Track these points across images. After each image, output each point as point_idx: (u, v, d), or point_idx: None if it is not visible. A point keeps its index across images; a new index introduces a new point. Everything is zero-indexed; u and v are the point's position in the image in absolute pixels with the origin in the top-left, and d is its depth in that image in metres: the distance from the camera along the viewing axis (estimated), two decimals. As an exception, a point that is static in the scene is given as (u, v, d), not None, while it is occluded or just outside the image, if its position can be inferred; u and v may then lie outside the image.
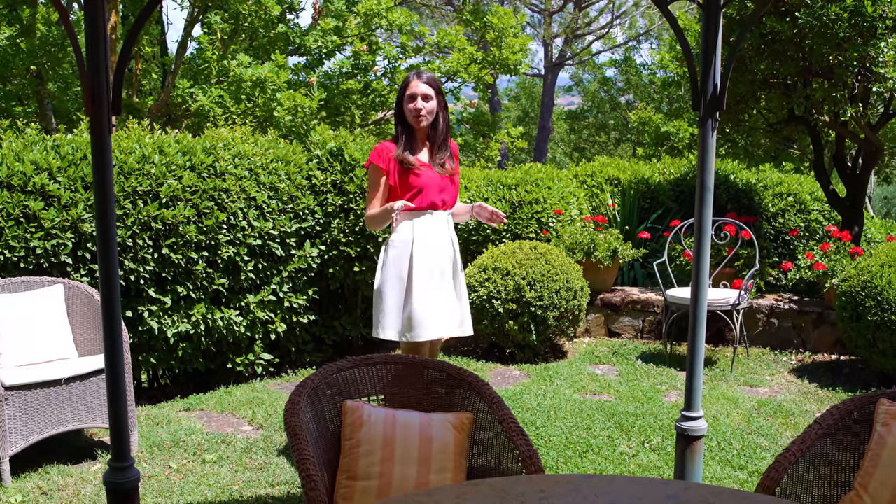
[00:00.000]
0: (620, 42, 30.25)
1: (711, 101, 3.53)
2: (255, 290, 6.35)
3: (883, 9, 6.45)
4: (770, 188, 9.38)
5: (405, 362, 3.28)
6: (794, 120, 8.31)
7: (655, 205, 9.39)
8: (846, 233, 7.65)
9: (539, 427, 5.38)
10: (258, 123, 10.82)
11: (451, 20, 24.51)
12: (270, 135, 7.15)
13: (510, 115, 36.56)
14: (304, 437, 2.78)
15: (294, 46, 12.65)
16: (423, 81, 4.44)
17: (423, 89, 4.42)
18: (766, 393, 6.29)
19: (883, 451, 2.85)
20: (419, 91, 4.42)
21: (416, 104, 4.42)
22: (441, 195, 4.50)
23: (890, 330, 6.10)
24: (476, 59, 13.82)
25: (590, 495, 2.39)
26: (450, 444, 3.01)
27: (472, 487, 2.41)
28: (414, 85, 4.44)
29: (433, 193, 4.47)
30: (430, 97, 4.44)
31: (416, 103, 4.42)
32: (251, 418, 5.59)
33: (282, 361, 6.74)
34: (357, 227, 6.58)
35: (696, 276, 3.65)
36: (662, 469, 4.75)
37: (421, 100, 4.42)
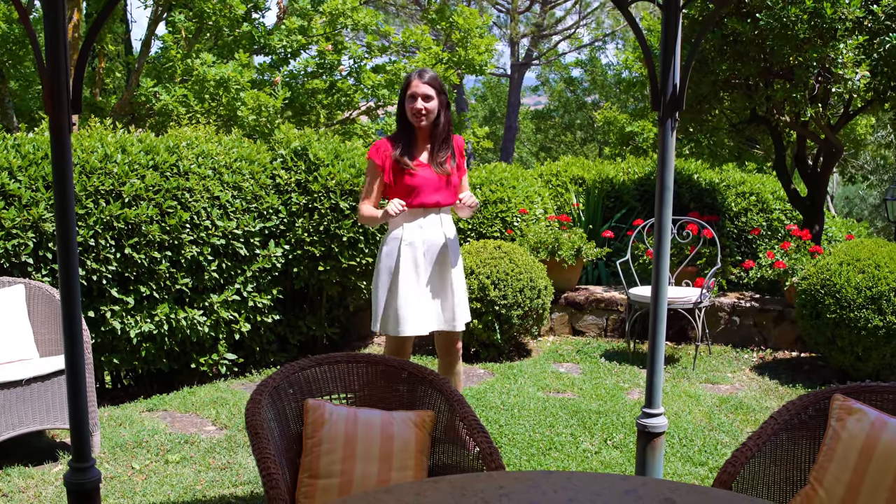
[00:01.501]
0: (586, 42, 30.39)
1: (671, 101, 3.57)
2: (218, 290, 6.33)
3: (842, 11, 6.55)
4: (733, 188, 9.49)
5: (367, 361, 3.30)
6: (755, 120, 8.41)
7: (619, 204, 9.46)
8: (806, 232, 7.76)
9: (503, 425, 5.41)
10: (222, 123, 10.78)
11: (418, 20, 24.51)
12: (234, 134, 7.13)
13: (477, 114, 36.61)
14: (265, 437, 2.79)
15: (259, 45, 12.60)
16: (424, 81, 4.43)
17: (423, 89, 4.41)
18: (728, 390, 6.36)
19: (837, 446, 2.90)
20: (420, 91, 4.41)
21: (417, 104, 4.42)
22: (435, 195, 4.50)
23: (848, 327, 6.19)
24: (442, 60, 13.84)
25: (549, 491, 2.41)
26: (411, 441, 3.02)
27: (432, 484, 2.43)
28: (415, 84, 4.43)
29: (427, 193, 4.47)
30: (431, 97, 4.43)
31: (417, 103, 4.42)
32: (215, 418, 5.57)
33: (246, 361, 6.73)
34: (321, 227, 6.57)
35: (657, 274, 3.69)
36: (624, 466, 4.79)
37: (421, 100, 4.42)
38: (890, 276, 6.16)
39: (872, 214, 20.65)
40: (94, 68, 13.51)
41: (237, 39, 12.24)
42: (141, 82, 11.56)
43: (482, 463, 2.92)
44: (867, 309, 6.13)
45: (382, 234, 4.64)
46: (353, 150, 7.03)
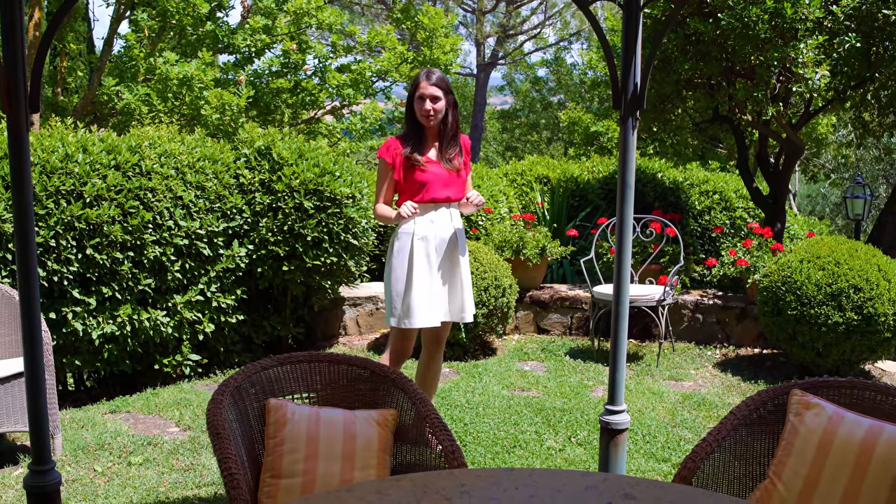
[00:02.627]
0: (552, 42, 30.50)
1: (632, 100, 3.59)
2: (182, 291, 6.28)
3: (802, 11, 6.62)
4: (696, 186, 9.56)
5: (329, 360, 3.29)
6: (718, 119, 8.49)
7: (584, 203, 9.51)
8: (768, 229, 7.84)
9: (467, 423, 5.42)
10: (185, 122, 10.70)
11: (383, 19, 24.48)
12: (197, 133, 7.08)
13: (443, 114, 36.48)
14: (226, 437, 2.78)
15: (223, 45, 12.53)
16: (431, 83, 4.53)
17: (431, 91, 4.52)
18: (691, 387, 6.41)
19: (795, 440, 2.94)
20: (428, 93, 4.52)
21: (425, 106, 4.52)
22: (445, 190, 4.59)
23: (809, 324, 6.26)
24: (407, 59, 13.83)
25: (510, 488, 2.42)
26: (374, 440, 3.03)
27: (393, 482, 2.43)
28: (424, 86, 4.53)
29: (436, 189, 4.57)
30: (439, 98, 4.53)
31: (425, 105, 4.52)
32: (178, 419, 5.54)
33: (210, 362, 6.69)
34: (285, 227, 6.55)
35: (619, 272, 3.72)
36: (588, 463, 4.82)
37: (429, 101, 4.52)
38: (849, 273, 6.24)
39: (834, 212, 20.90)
40: (56, 67, 13.36)
41: (201, 38, 12.16)
42: (103, 81, 11.45)
43: (445, 461, 2.93)
44: (827, 305, 6.21)
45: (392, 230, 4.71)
46: (317, 150, 7.00)
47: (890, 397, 2.99)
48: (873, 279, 6.21)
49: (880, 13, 6.72)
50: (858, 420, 2.86)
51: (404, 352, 4.68)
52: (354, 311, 7.76)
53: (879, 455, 2.74)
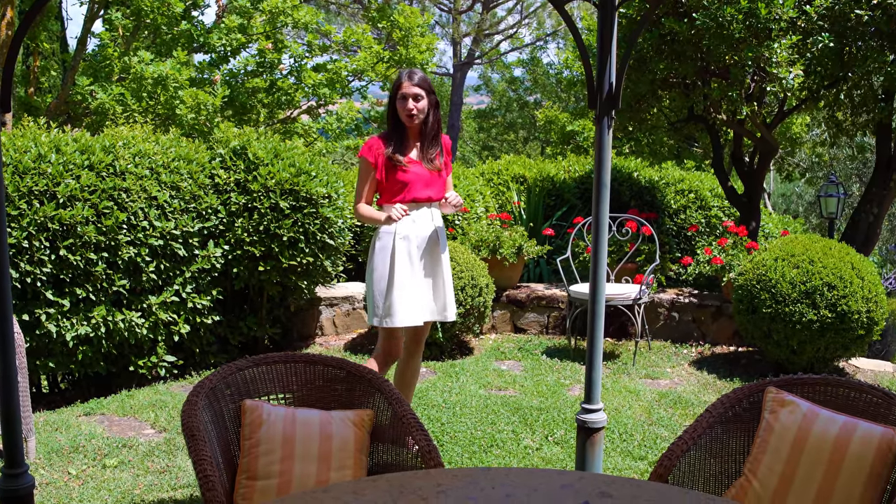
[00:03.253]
0: (528, 42, 30.55)
1: (607, 100, 3.60)
2: (157, 291, 6.25)
3: (776, 11, 6.66)
4: (672, 185, 9.60)
5: (305, 360, 3.28)
6: (693, 119, 8.53)
7: (560, 202, 9.53)
8: (743, 228, 7.88)
9: (444, 423, 5.42)
10: (160, 121, 10.64)
11: (359, 19, 24.43)
12: (172, 133, 7.04)
13: (420, 113, 36.48)
14: (201, 438, 2.76)
15: (198, 44, 12.46)
16: (414, 83, 4.52)
17: (414, 90, 4.51)
18: (667, 385, 6.44)
19: (770, 438, 2.95)
20: (410, 92, 4.51)
21: (408, 105, 4.51)
22: (426, 190, 4.60)
23: (783, 321, 6.30)
24: (383, 58, 13.81)
25: (486, 487, 2.42)
26: (350, 441, 3.02)
27: (370, 483, 2.43)
28: (406, 86, 4.52)
29: (418, 188, 4.57)
30: (422, 97, 4.53)
31: (408, 104, 4.51)
32: (154, 421, 5.50)
33: (186, 363, 6.65)
34: (261, 227, 6.52)
35: (594, 271, 3.73)
36: (565, 461, 4.83)
37: (412, 101, 4.51)
38: (823, 271, 6.28)
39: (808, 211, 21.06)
40: (29, 67, 13.25)
41: (176, 38, 12.09)
42: (77, 81, 11.36)
43: (421, 461, 2.93)
44: (801, 303, 6.25)
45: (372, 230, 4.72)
46: (293, 150, 6.98)
47: (863, 394, 3.02)
48: (847, 277, 6.26)
49: (853, 13, 6.78)
50: (833, 417, 2.88)
51: (393, 352, 4.70)
52: (331, 311, 7.74)
53: (853, 452, 2.76)
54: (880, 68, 7.03)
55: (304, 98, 13.26)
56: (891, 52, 7.00)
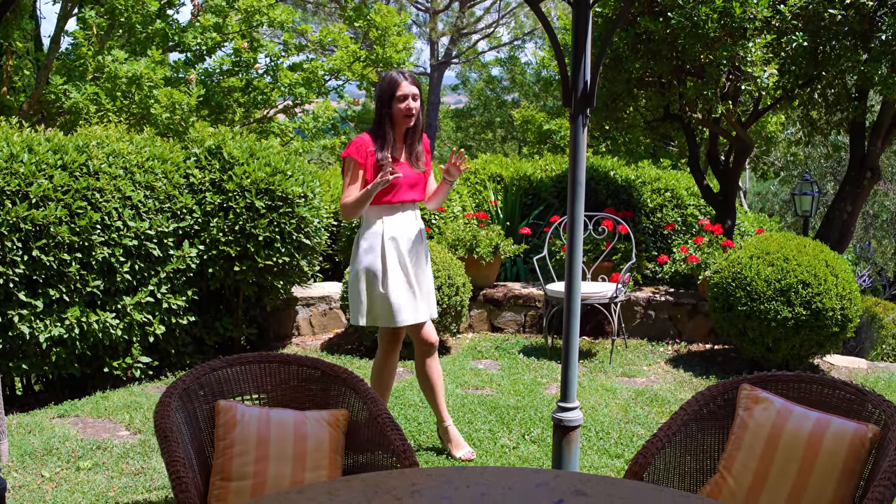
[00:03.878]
0: (506, 41, 30.57)
1: (582, 98, 3.61)
2: (131, 292, 6.20)
3: (751, 10, 6.70)
4: (648, 184, 9.63)
5: (280, 360, 3.27)
6: (669, 117, 8.56)
7: (537, 201, 9.53)
8: (718, 226, 7.92)
9: (421, 423, 5.41)
10: (135, 121, 10.57)
11: (336, 18, 24.38)
12: (147, 133, 7.00)
13: (398, 112, 36.44)
14: (174, 439, 2.74)
15: (173, 43, 12.39)
16: (411, 83, 4.50)
17: (412, 90, 4.49)
18: (644, 383, 6.46)
19: (745, 434, 2.97)
20: (409, 91, 4.48)
21: (409, 104, 4.48)
22: (412, 192, 4.60)
23: (759, 319, 6.34)
24: (359, 58, 13.78)
25: (461, 486, 2.42)
26: (325, 441, 3.00)
27: (344, 483, 2.42)
28: (405, 86, 4.48)
29: (405, 190, 4.57)
30: (418, 96, 4.52)
31: (409, 103, 4.48)
32: (128, 423, 5.46)
33: (161, 364, 6.60)
34: (237, 227, 6.48)
35: (570, 269, 3.73)
36: (542, 460, 4.83)
37: (412, 100, 4.49)
38: (798, 269, 6.32)
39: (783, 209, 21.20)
40: (2, 66, 13.12)
41: (150, 36, 12.01)
42: (51, 80, 11.26)
43: (397, 461, 2.92)
44: (776, 301, 6.28)
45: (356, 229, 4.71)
46: (268, 149, 6.95)
47: (837, 391, 3.04)
48: (821, 274, 6.30)
49: (826, 13, 6.82)
50: (806, 413, 2.90)
51: (395, 351, 4.74)
52: (307, 311, 7.72)
53: (827, 448, 2.77)
54: (854, 67, 7.08)
55: (281, 97, 13.21)
56: (864, 51, 7.05)
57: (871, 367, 7.07)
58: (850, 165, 8.54)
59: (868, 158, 8.25)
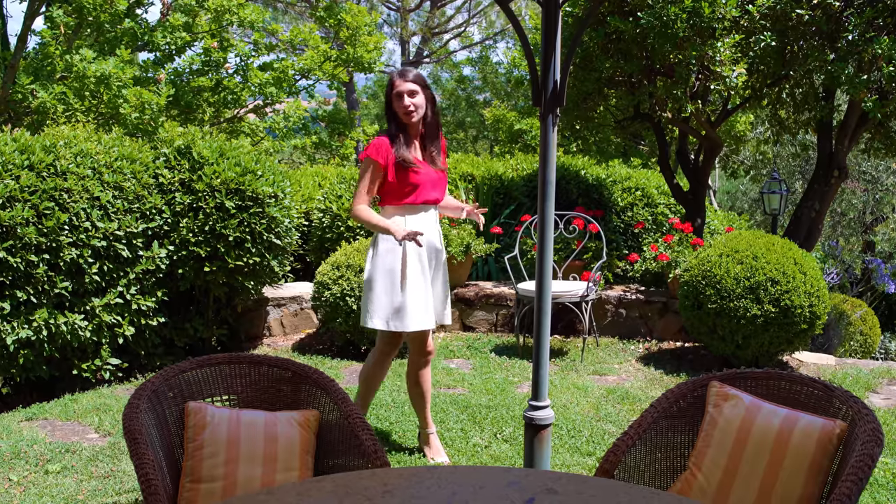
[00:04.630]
0: (477, 40, 30.60)
1: (552, 98, 3.61)
2: (100, 293, 6.15)
3: (719, 10, 6.74)
4: (619, 183, 9.67)
5: (250, 361, 3.25)
6: (639, 117, 8.60)
7: (509, 200, 9.55)
8: (688, 225, 7.97)
9: (393, 423, 5.40)
10: (103, 121, 10.47)
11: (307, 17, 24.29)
12: (115, 132, 6.94)
13: (370, 112, 36.51)
14: (143, 442, 2.72)
15: (142, 42, 12.28)
16: (407, 80, 4.45)
17: (408, 86, 4.43)
18: (615, 381, 6.49)
19: (714, 431, 2.98)
20: (405, 89, 4.43)
21: (405, 101, 4.43)
22: (434, 191, 4.55)
23: (728, 317, 6.38)
24: (330, 57, 13.74)
25: (433, 486, 2.41)
26: (295, 442, 2.99)
27: (314, 484, 2.41)
28: (399, 83, 4.44)
29: (427, 190, 4.51)
30: (417, 92, 4.45)
31: (404, 100, 4.43)
32: (98, 425, 5.42)
33: (131, 366, 6.56)
34: (207, 227, 6.45)
35: (540, 268, 3.73)
36: (514, 459, 4.84)
37: (408, 96, 4.43)
38: (767, 267, 6.37)
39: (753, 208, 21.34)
40: (-32, 66, 12.97)
41: (119, 36, 11.90)
42: (18, 79, 11.13)
43: (368, 461, 2.91)
44: (746, 298, 6.33)
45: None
46: (238, 149, 6.92)
47: (805, 387, 3.06)
48: (789, 272, 6.35)
49: (794, 13, 6.88)
50: (775, 410, 2.92)
51: (390, 355, 4.71)
52: (279, 311, 7.69)
53: (795, 443, 2.79)
54: (821, 67, 7.15)
55: (251, 97, 13.13)
56: (831, 51, 7.12)
57: (840, 363, 7.14)
58: (818, 164, 8.62)
59: (835, 157, 8.33)
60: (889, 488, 4.50)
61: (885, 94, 7.27)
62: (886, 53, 6.50)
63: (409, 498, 2.35)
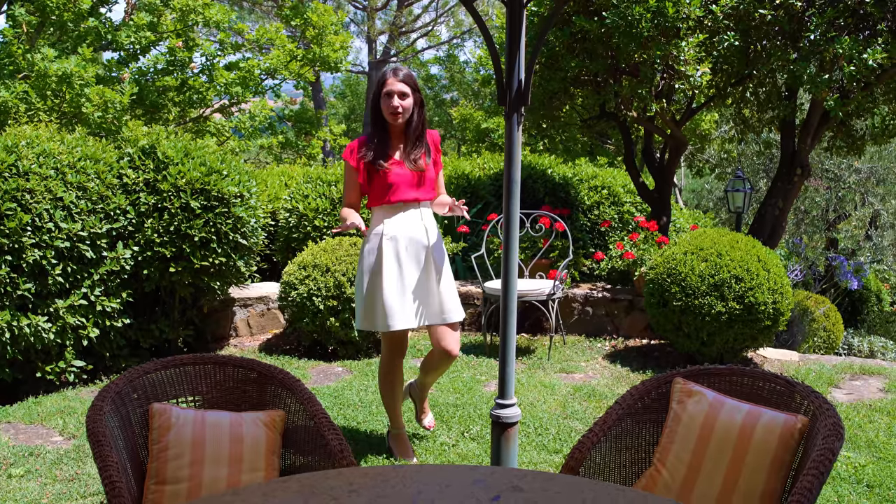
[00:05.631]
0: (445, 40, 30.63)
1: (517, 97, 3.62)
2: (64, 295, 6.09)
3: (684, 10, 6.79)
4: (585, 181, 9.72)
5: (215, 362, 3.23)
6: (605, 116, 8.65)
7: (476, 199, 9.56)
8: (654, 223, 8.03)
9: (360, 422, 5.40)
10: (66, 120, 10.37)
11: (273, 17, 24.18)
12: (78, 132, 6.87)
13: (337, 112, 36.45)
14: (107, 444, 2.70)
15: (106, 41, 12.18)
16: (399, 79, 4.39)
17: (399, 87, 4.37)
18: (581, 378, 6.52)
19: (678, 428, 3.01)
20: (396, 89, 4.37)
21: (393, 102, 4.38)
22: (412, 191, 4.49)
23: (693, 314, 6.43)
24: (296, 57, 13.70)
25: (398, 485, 2.41)
26: (261, 442, 2.98)
27: (280, 484, 2.40)
28: (391, 83, 4.39)
29: (403, 190, 4.47)
30: (407, 94, 4.40)
31: (393, 101, 4.38)
32: (62, 428, 5.36)
33: (96, 368, 6.50)
34: (172, 227, 6.40)
35: (506, 266, 3.75)
36: (482, 457, 4.85)
37: (398, 98, 4.38)
38: (731, 264, 6.43)
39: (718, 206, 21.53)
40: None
41: (82, 35, 11.80)
42: (-22, 79, 11.01)
43: (334, 461, 2.91)
44: (710, 296, 6.38)
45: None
46: (203, 149, 6.87)
47: (767, 383, 3.10)
48: (753, 269, 6.41)
49: (757, 13, 6.95)
50: (738, 405, 2.95)
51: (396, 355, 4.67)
52: (245, 311, 7.65)
53: (758, 438, 2.82)
54: (783, 66, 7.22)
55: (217, 97, 13.06)
56: (793, 50, 7.20)
57: (803, 359, 7.22)
58: (781, 162, 8.71)
59: (798, 155, 8.42)
60: (851, 482, 4.56)
61: (846, 93, 7.36)
62: (847, 53, 6.58)
63: (374, 497, 2.35)
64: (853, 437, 5.26)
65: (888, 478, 4.62)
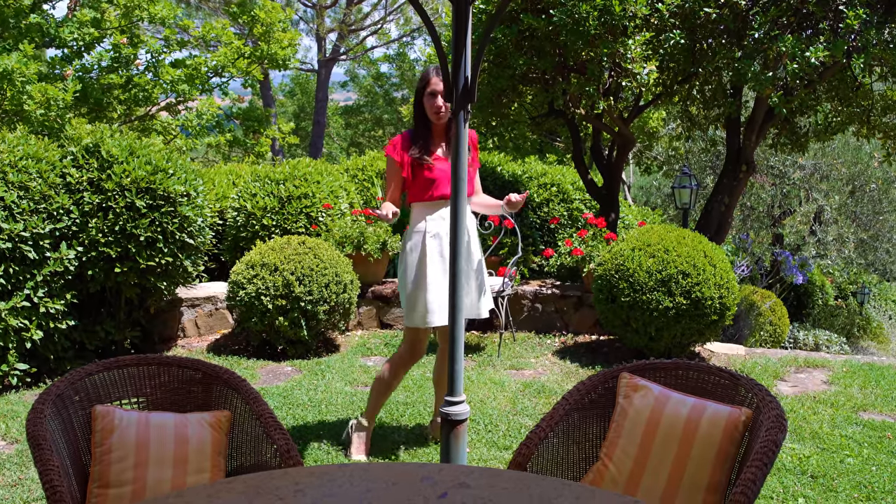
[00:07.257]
0: (395, 37, 30.59)
1: (463, 94, 3.61)
2: (6, 297, 5.97)
3: (630, 8, 6.84)
4: (535, 179, 9.75)
5: (159, 363, 3.19)
6: (553, 113, 8.69)
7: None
8: (602, 220, 8.08)
9: (310, 422, 5.37)
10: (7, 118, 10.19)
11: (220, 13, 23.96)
12: (20, 130, 6.75)
13: (286, 110, 36.23)
14: (47, 447, 2.65)
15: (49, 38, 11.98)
16: (442, 79, 4.34)
17: (443, 87, 4.37)
18: (531, 375, 6.54)
19: (625, 422, 3.03)
20: (440, 88, 4.41)
21: (437, 102, 4.42)
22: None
23: (641, 309, 6.49)
24: (244, 54, 13.59)
25: (345, 484, 2.40)
26: (207, 443, 2.95)
27: (225, 485, 2.37)
28: (435, 82, 4.42)
29: (445, 185, 4.50)
30: None
31: (437, 101, 4.42)
32: (5, 433, 5.26)
33: (40, 370, 6.38)
34: (117, 227, 6.31)
35: (453, 264, 3.74)
36: (432, 455, 4.85)
37: (441, 97, 4.41)
38: (678, 260, 6.49)
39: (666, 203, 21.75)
40: None
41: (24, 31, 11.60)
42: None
43: (280, 461, 2.89)
44: (658, 291, 6.44)
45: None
46: (149, 147, 6.78)
47: (712, 376, 3.13)
48: (700, 265, 6.48)
49: (702, 11, 7.02)
50: (683, 399, 2.98)
51: (417, 353, 4.72)
52: (193, 312, 7.57)
53: (703, 431, 2.85)
54: (728, 64, 7.31)
55: (163, 94, 12.92)
56: (738, 48, 7.29)
57: (749, 353, 7.32)
58: (727, 159, 8.82)
59: (743, 152, 8.53)
60: (796, 473, 4.63)
61: (789, 91, 7.47)
62: (790, 51, 6.67)
63: (321, 497, 2.34)
64: (798, 428, 5.34)
65: (832, 468, 4.70)
